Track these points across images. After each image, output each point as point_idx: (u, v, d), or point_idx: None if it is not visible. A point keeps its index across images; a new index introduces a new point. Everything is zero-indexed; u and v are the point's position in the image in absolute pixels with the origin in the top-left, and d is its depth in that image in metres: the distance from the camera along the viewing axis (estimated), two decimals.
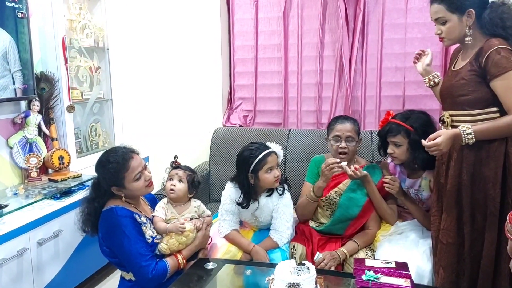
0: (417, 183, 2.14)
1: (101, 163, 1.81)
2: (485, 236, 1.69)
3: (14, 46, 2.36)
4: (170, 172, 1.97)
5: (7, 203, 2.14)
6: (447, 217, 1.78)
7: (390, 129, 2.07)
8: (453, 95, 1.74)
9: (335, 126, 2.17)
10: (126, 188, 1.79)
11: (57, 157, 2.57)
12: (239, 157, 2.11)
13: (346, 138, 2.13)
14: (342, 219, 2.14)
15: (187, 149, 3.18)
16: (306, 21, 2.97)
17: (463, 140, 1.66)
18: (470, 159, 1.71)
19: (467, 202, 1.73)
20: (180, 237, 1.85)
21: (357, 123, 2.21)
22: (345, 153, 2.14)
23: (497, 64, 1.60)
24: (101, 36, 3.01)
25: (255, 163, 2.02)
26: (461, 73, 1.72)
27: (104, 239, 1.79)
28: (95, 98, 3.00)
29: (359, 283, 1.56)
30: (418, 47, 2.72)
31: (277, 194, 2.12)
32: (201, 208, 2.02)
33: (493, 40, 1.63)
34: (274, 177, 2.04)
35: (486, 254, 1.68)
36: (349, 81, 2.89)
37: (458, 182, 1.75)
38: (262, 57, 3.11)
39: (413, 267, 1.84)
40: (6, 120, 2.44)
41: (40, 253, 2.15)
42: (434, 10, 1.71)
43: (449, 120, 1.76)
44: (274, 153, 2.07)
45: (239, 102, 3.22)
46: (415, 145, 1.98)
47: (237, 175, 2.13)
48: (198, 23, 3.08)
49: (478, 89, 1.67)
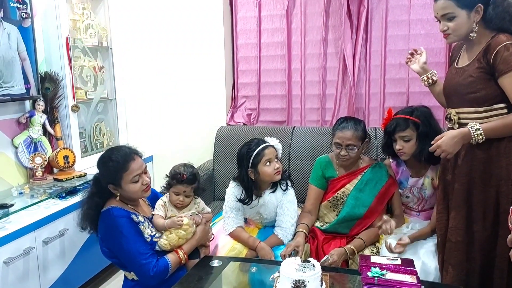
0: (420, 181, 2.13)
1: (103, 159, 1.82)
2: (499, 233, 1.68)
3: (23, 46, 2.37)
4: (177, 187, 1.89)
5: (12, 202, 2.15)
6: (456, 215, 1.76)
7: (398, 124, 2.04)
8: (461, 93, 1.72)
9: (336, 133, 2.13)
10: (122, 188, 1.79)
11: (62, 157, 2.58)
12: (238, 154, 2.14)
13: (347, 146, 2.10)
14: (348, 218, 2.12)
15: (191, 148, 3.19)
16: (309, 19, 2.96)
17: (472, 138, 1.64)
18: (480, 157, 1.69)
19: (477, 200, 1.72)
20: (179, 231, 1.85)
21: (360, 128, 2.12)
22: (346, 159, 2.13)
23: (506, 61, 1.58)
24: (105, 35, 3.02)
25: (253, 157, 2.05)
26: (468, 71, 1.70)
27: (103, 240, 1.80)
28: (99, 98, 3.01)
29: (365, 279, 1.55)
30: (421, 44, 2.74)
31: (281, 190, 2.12)
32: (201, 205, 2.01)
33: (501, 36, 1.61)
34: (273, 169, 2.06)
35: (501, 251, 1.67)
36: (353, 78, 2.88)
37: (467, 180, 1.73)
38: (266, 55, 3.10)
39: (418, 264, 1.83)
40: (11, 120, 2.45)
41: (46, 252, 2.16)
42: (441, 6, 1.65)
43: (456, 117, 1.74)
44: (271, 147, 2.09)
45: (242, 101, 3.22)
46: (423, 138, 1.98)
47: (238, 173, 2.15)
48: (201, 21, 3.08)
49: (487, 86, 1.65)
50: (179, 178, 1.88)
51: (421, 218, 2.17)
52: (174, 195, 1.91)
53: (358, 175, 2.16)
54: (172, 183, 1.90)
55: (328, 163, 2.23)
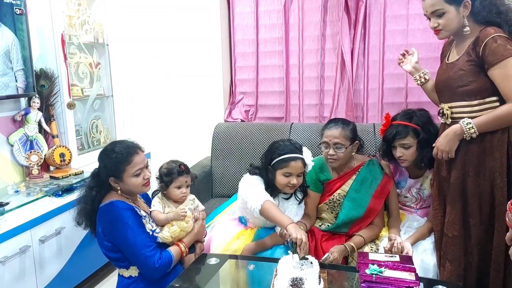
0: (418, 182, 2.12)
1: (106, 151, 1.82)
2: (495, 226, 1.69)
3: (17, 44, 2.35)
4: (178, 180, 1.90)
5: (8, 200, 2.14)
6: (452, 210, 1.77)
7: (398, 132, 1.99)
8: (452, 87, 1.73)
9: (324, 132, 2.08)
10: (123, 181, 1.79)
11: (58, 154, 2.56)
12: (270, 144, 2.03)
13: (334, 144, 2.03)
14: (347, 221, 2.09)
15: (188, 145, 3.17)
16: (307, 14, 2.93)
17: (465, 133, 1.67)
18: (474, 150, 1.70)
19: (472, 193, 1.72)
20: (181, 223, 1.86)
21: (348, 128, 2.06)
22: (334, 160, 2.06)
23: (494, 52, 1.60)
24: (101, 31, 2.99)
25: (277, 160, 1.95)
26: (458, 65, 1.72)
27: (106, 233, 1.78)
28: (96, 95, 2.99)
29: (363, 277, 1.54)
30: (420, 38, 2.73)
31: (295, 201, 2.07)
32: (196, 201, 2.03)
33: (489, 29, 1.63)
34: (290, 183, 1.94)
35: (497, 244, 1.68)
36: (351, 74, 2.86)
37: (462, 174, 1.74)
38: (263, 51, 3.08)
39: (417, 262, 1.82)
40: (6, 117, 2.43)
41: (42, 250, 2.15)
42: (430, 3, 1.69)
43: (448, 112, 1.76)
44: (300, 160, 1.95)
45: (240, 97, 3.20)
46: (424, 144, 1.96)
47: (261, 164, 2.06)
48: (198, 17, 3.06)
49: (477, 79, 1.67)
50: (178, 171, 1.90)
51: (419, 215, 2.16)
52: (176, 190, 1.91)
53: (352, 175, 2.12)
54: (173, 178, 1.90)
55: (323, 165, 2.17)
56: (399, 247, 1.87)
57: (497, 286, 1.70)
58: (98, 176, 1.83)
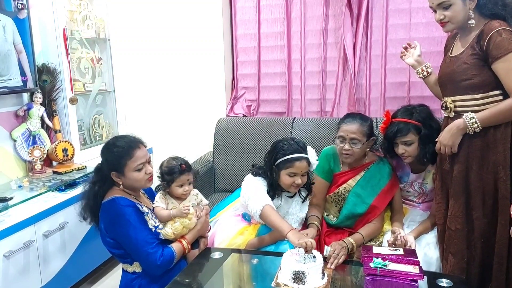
0: (421, 176, 2.12)
1: (108, 145, 1.82)
2: (498, 219, 1.69)
3: (18, 38, 2.35)
4: (180, 179, 1.89)
5: (12, 195, 2.14)
6: (455, 203, 1.77)
7: (399, 129, 1.97)
8: (456, 80, 1.73)
9: (341, 126, 2.05)
10: (125, 176, 1.78)
11: (61, 149, 2.56)
12: (274, 144, 2.01)
13: (351, 139, 2.00)
14: (350, 216, 2.08)
15: (190, 140, 3.17)
16: (309, 8, 2.93)
17: (468, 128, 1.67)
18: (477, 144, 1.70)
19: (476, 187, 1.72)
20: (184, 219, 1.85)
21: (366, 124, 2.03)
22: (349, 155, 2.03)
23: (499, 46, 1.59)
24: (102, 26, 2.98)
25: (281, 161, 1.92)
26: (462, 58, 1.71)
27: (108, 230, 1.79)
28: (98, 90, 2.99)
29: (367, 270, 1.54)
30: (423, 32, 2.72)
31: (299, 199, 2.06)
32: (199, 196, 2.01)
33: (493, 22, 1.63)
34: (294, 182, 1.92)
35: (500, 237, 1.68)
36: (354, 68, 2.86)
37: (465, 167, 1.74)
38: (265, 46, 3.07)
39: (420, 255, 1.82)
40: (9, 112, 2.43)
41: (46, 245, 2.15)
42: None
43: (452, 106, 1.75)
44: (305, 160, 1.92)
45: (242, 92, 3.20)
46: (426, 140, 1.95)
47: (264, 164, 2.04)
48: (200, 12, 3.05)
49: (481, 72, 1.66)
50: (180, 169, 1.89)
51: (421, 209, 2.16)
52: (179, 188, 1.91)
53: (361, 171, 2.10)
54: (174, 177, 1.89)
55: (335, 155, 2.15)
56: (403, 240, 1.87)
57: (500, 279, 1.71)
58: (101, 171, 1.83)
